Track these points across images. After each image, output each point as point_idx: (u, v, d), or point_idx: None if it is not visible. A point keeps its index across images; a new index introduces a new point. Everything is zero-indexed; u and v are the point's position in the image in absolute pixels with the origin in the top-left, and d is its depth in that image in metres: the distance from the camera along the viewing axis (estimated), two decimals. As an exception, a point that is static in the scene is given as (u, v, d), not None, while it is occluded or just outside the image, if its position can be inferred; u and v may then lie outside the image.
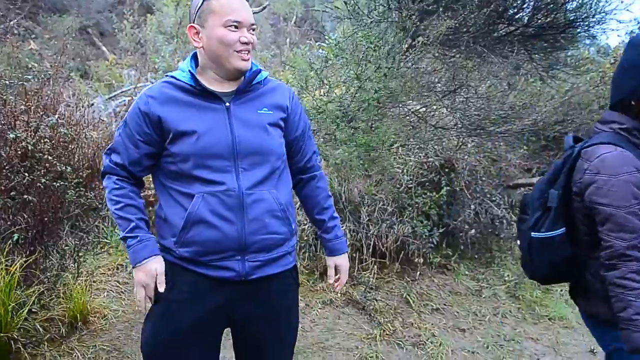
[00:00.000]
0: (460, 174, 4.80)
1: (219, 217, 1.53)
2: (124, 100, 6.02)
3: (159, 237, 1.65)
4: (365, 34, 2.58)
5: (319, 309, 3.55)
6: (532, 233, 1.71)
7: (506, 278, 4.47)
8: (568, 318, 3.93)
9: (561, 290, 4.47)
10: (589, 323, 1.80)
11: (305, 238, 3.97)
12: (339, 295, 3.71)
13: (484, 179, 5.01)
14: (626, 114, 1.62)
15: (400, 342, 3.29)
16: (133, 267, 1.60)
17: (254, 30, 1.59)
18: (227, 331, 1.70)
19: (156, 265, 1.58)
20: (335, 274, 1.87)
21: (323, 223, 1.83)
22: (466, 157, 5.03)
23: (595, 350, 3.48)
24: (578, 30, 3.27)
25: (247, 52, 1.56)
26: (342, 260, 1.86)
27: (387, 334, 3.33)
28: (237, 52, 1.55)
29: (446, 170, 4.81)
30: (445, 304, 3.92)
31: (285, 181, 1.70)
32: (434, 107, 3.50)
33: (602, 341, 1.76)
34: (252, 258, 1.58)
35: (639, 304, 1.47)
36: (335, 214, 1.86)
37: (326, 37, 4.30)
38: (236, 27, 1.54)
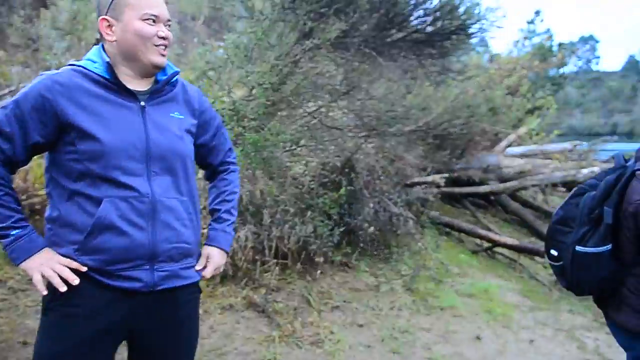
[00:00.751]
0: (360, 173, 4.94)
1: (129, 223, 1.44)
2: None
3: (51, 244, 1.49)
4: (258, 33, 2.56)
5: (218, 314, 3.48)
6: (577, 247, 1.76)
7: (403, 272, 4.68)
8: (457, 307, 4.19)
9: (452, 281, 4.77)
10: (618, 332, 1.88)
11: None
12: (239, 299, 3.66)
13: (382, 178, 5.20)
14: None
15: (299, 342, 3.31)
16: (27, 258, 1.43)
17: (169, 26, 1.54)
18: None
19: (55, 254, 1.45)
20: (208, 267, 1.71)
21: (217, 212, 1.77)
22: (365, 157, 5.20)
23: (480, 336, 3.75)
24: (463, 37, 3.49)
25: (164, 47, 1.51)
26: (218, 256, 1.73)
27: (286, 335, 3.33)
28: (155, 46, 1.49)
29: (346, 170, 4.94)
30: (345, 301, 4.01)
31: (194, 188, 1.65)
32: (330, 108, 3.57)
33: (631, 350, 1.85)
34: (161, 268, 1.50)
35: None
36: (234, 212, 1.81)
37: (224, 36, 4.25)
38: (154, 21, 1.49)
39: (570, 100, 79.19)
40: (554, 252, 1.88)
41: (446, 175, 5.58)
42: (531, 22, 30.51)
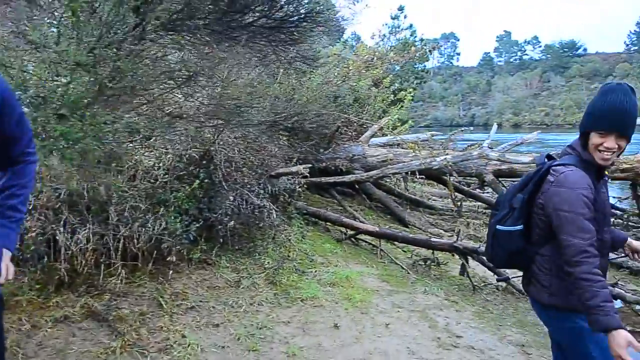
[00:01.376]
0: (219, 165, 4.73)
1: None
2: None
3: None
4: (74, 7, 2.23)
5: (49, 328, 3.06)
6: (497, 226, 2.12)
7: (266, 266, 4.57)
8: (318, 297, 4.19)
9: (315, 271, 4.77)
10: (535, 306, 2.19)
11: (34, 247, 3.39)
12: (77, 308, 3.26)
13: (243, 169, 5.04)
14: (583, 147, 2.01)
15: (145, 350, 3.03)
16: None
17: None
18: None
19: None
20: None
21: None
22: (226, 148, 4.99)
23: (338, 325, 3.77)
24: (311, 25, 3.42)
25: None
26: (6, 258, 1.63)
27: (129, 344, 3.03)
28: None
29: (204, 162, 4.69)
30: (201, 301, 3.79)
31: None
32: (172, 95, 3.30)
33: (549, 324, 2.18)
34: None
35: (603, 293, 1.79)
36: (22, 208, 1.70)
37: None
38: None
39: (435, 93, 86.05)
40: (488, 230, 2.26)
41: (309, 165, 5.58)
42: (395, 17, 32.26)
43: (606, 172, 2.11)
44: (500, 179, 7.48)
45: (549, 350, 3.83)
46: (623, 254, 2.37)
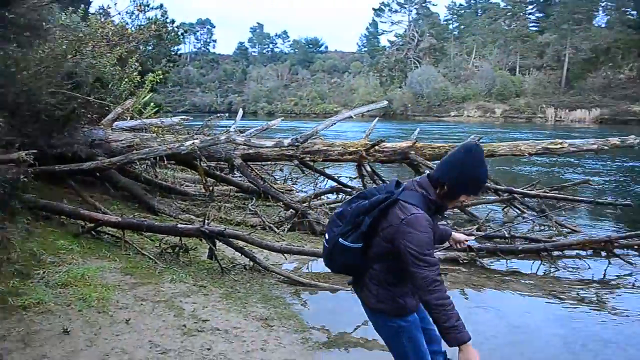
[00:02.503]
0: None
1: None
2: None
3: None
4: None
5: None
6: (340, 239, 2.40)
7: (-25, 273, 3.79)
8: (45, 302, 3.67)
9: (44, 273, 4.18)
10: (366, 310, 2.55)
11: None
12: None
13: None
14: (434, 189, 2.35)
15: None
16: None
17: None
18: None
19: None
20: None
21: None
22: None
23: (68, 330, 3.37)
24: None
25: None
26: None
27: None
28: None
29: None
30: None
31: None
32: None
33: (375, 324, 2.55)
34: None
35: (455, 314, 2.17)
36: None
37: None
38: None
39: (192, 79, 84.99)
40: (326, 236, 2.51)
41: (35, 151, 4.81)
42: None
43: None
44: (249, 162, 7.78)
45: (290, 319, 4.20)
46: (448, 245, 2.92)
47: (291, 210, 7.17)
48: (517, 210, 8.52)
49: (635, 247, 5.97)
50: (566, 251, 6.25)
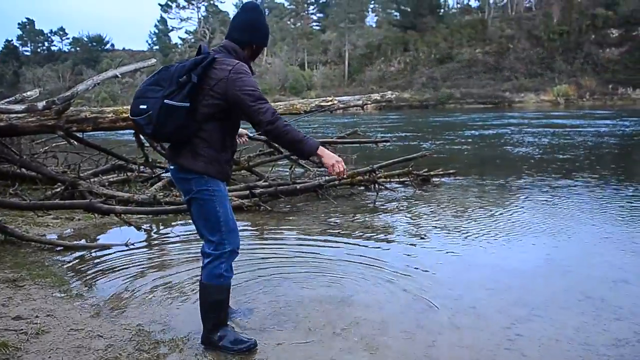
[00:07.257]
0: None
1: None
2: None
3: None
4: None
5: None
6: (166, 100, 2.36)
7: None
8: None
9: None
10: (180, 174, 2.51)
11: None
12: None
13: None
14: (243, 50, 2.56)
15: None
16: None
17: None
18: None
19: None
20: None
21: None
22: None
23: None
24: None
25: None
26: None
27: None
28: None
29: None
30: None
31: None
32: None
33: (186, 185, 2.51)
34: None
35: (298, 131, 2.39)
36: None
37: None
38: None
39: None
40: (143, 107, 2.40)
41: None
42: None
43: None
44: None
45: (46, 278, 3.66)
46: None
47: (58, 184, 6.34)
48: (303, 168, 8.96)
49: (395, 176, 6.79)
50: (340, 187, 6.81)
